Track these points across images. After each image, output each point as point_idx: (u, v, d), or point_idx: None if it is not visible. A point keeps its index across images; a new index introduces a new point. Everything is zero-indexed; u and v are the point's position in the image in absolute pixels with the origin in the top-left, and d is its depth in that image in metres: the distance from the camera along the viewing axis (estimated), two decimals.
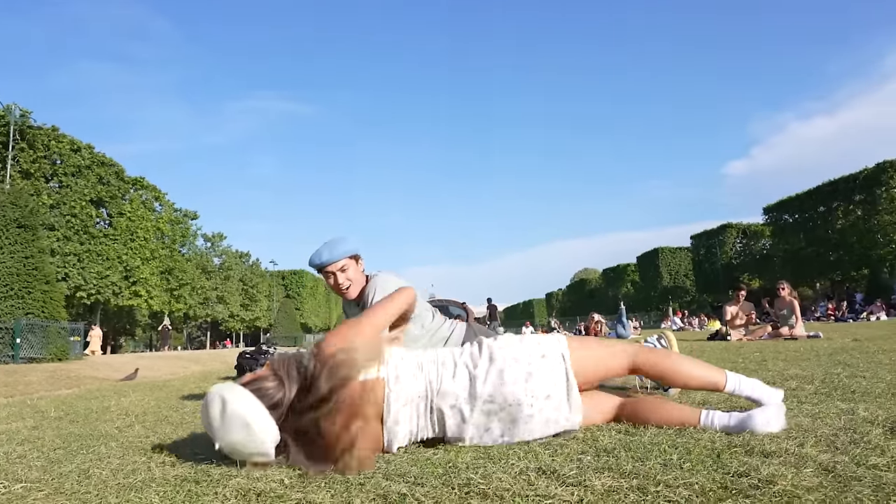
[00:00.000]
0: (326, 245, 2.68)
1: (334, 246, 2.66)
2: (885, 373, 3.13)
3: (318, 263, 2.68)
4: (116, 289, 27.46)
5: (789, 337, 8.22)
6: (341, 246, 2.66)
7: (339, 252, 2.64)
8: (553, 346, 1.88)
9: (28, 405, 4.38)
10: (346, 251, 2.66)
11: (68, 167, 25.80)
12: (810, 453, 1.46)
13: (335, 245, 2.66)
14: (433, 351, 1.89)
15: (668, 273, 49.83)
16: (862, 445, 1.52)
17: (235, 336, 49.58)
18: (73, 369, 9.58)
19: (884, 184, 29.28)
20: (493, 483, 1.35)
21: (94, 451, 2.13)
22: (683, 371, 1.94)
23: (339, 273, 2.67)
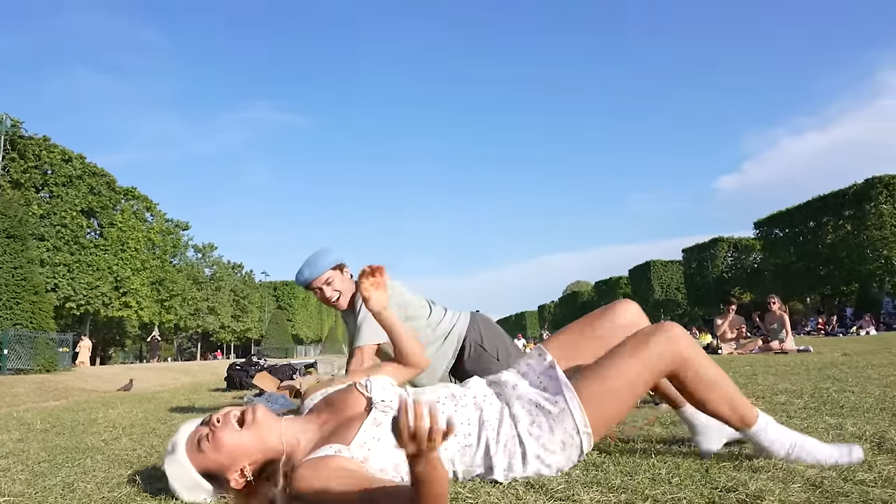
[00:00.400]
0: (307, 262, 2.66)
1: (315, 261, 2.64)
2: (874, 388, 3.15)
3: (302, 281, 2.66)
4: (106, 299, 27.27)
5: (780, 351, 8.25)
6: (322, 260, 2.64)
7: (321, 266, 2.62)
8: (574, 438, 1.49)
9: (14, 417, 4.33)
10: (327, 264, 2.63)
11: (59, 177, 25.70)
12: (798, 468, 1.46)
13: (316, 260, 2.64)
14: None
15: (659, 286, 50.06)
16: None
17: (226, 347, 49.26)
18: (62, 381, 9.48)
19: (873, 199, 29.62)
20: (482, 497, 1.34)
21: (79, 465, 2.11)
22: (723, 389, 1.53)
23: (326, 287, 2.65)
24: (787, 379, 3.96)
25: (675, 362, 1.51)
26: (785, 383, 3.66)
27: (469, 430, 1.51)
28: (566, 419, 1.48)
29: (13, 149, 24.08)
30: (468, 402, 1.56)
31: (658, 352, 1.50)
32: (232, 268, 47.77)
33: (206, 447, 1.42)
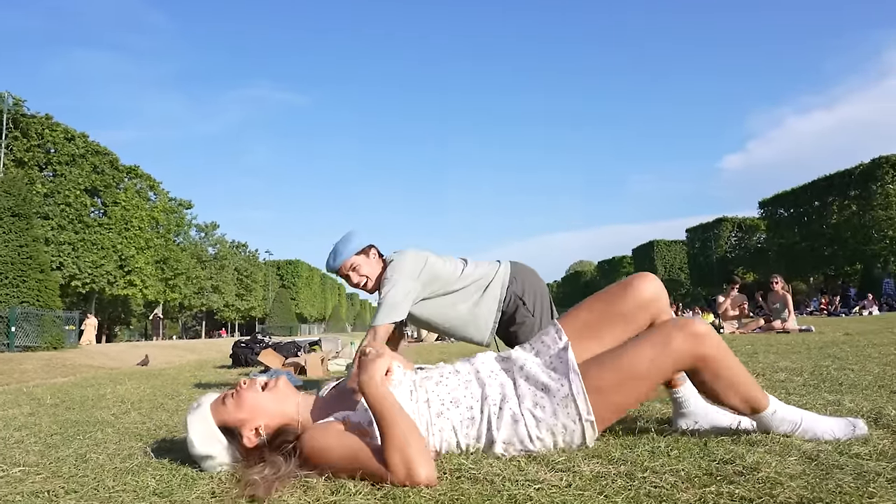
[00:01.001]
0: (333, 250, 2.67)
1: (340, 249, 2.65)
2: (874, 366, 3.18)
3: (330, 269, 2.69)
4: (111, 278, 27.42)
5: (781, 330, 8.29)
6: (346, 246, 2.64)
7: (345, 253, 2.63)
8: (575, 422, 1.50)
9: (24, 393, 4.40)
10: (351, 250, 2.64)
11: (62, 156, 25.67)
12: (795, 442, 1.49)
13: (340, 247, 2.65)
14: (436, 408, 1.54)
15: (663, 266, 50.04)
16: None
17: (230, 326, 49.60)
18: (69, 358, 9.59)
19: (879, 179, 29.45)
20: (484, 468, 1.37)
21: (90, 437, 2.15)
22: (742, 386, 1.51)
23: (353, 273, 2.65)
24: (787, 357, 3.99)
25: (696, 362, 1.49)
26: (785, 361, 3.69)
27: (471, 404, 1.53)
28: (569, 405, 1.48)
29: (16, 127, 24.03)
30: (471, 377, 1.58)
31: (680, 350, 1.47)
32: (236, 247, 47.89)
33: (229, 402, 1.54)
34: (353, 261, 2.64)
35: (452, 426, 1.52)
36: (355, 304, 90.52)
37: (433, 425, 1.51)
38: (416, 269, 2.60)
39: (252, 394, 1.54)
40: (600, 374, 1.49)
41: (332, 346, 7.01)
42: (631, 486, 1.20)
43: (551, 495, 1.17)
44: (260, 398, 1.54)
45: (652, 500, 1.11)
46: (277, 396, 1.55)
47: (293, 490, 1.31)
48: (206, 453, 1.51)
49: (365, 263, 2.67)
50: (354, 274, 2.65)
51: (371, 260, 2.69)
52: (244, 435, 1.50)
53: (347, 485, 1.31)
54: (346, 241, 2.66)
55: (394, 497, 1.21)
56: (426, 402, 1.53)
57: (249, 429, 1.50)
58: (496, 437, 1.49)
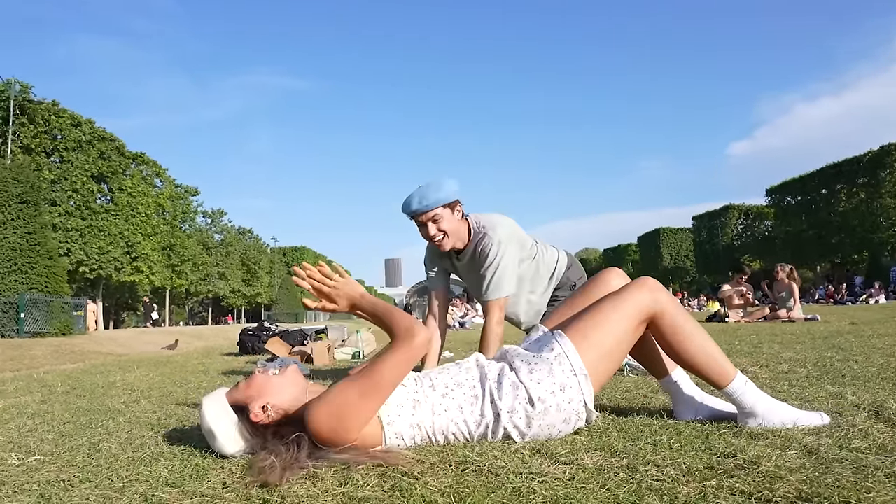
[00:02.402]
0: (419, 190, 2.39)
1: (427, 192, 2.37)
2: (878, 357, 3.19)
3: (409, 211, 2.42)
4: (118, 264, 27.54)
5: (787, 319, 8.29)
6: (434, 193, 2.37)
7: (432, 200, 2.36)
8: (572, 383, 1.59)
9: (35, 379, 4.46)
10: (439, 199, 2.37)
11: (69, 142, 25.69)
12: (796, 436, 1.51)
13: (428, 191, 2.37)
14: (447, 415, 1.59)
15: (668, 253, 49.89)
16: (846, 429, 1.57)
17: (237, 312, 49.86)
18: (77, 344, 9.69)
19: (888, 167, 29.19)
20: (489, 461, 1.40)
21: (102, 426, 2.19)
22: (700, 342, 1.67)
23: (431, 224, 2.42)
24: (791, 348, 4.00)
25: (652, 309, 1.65)
26: (789, 352, 3.70)
27: (474, 384, 1.62)
28: (563, 362, 1.60)
29: (23, 113, 24.05)
30: (471, 365, 1.69)
31: (636, 298, 1.65)
32: (241, 233, 48.00)
33: (241, 384, 1.64)
34: (438, 212, 2.40)
35: (458, 405, 1.59)
36: None
37: (439, 405, 1.58)
38: (521, 238, 2.55)
39: (263, 376, 1.63)
40: (579, 328, 1.66)
41: (339, 334, 7.05)
42: (633, 479, 1.23)
43: (554, 488, 1.19)
44: (270, 380, 1.62)
45: (653, 494, 1.14)
46: (287, 380, 1.63)
47: (302, 481, 1.34)
48: (216, 428, 1.57)
49: (448, 218, 2.43)
50: (433, 226, 2.41)
51: (455, 217, 2.46)
52: (253, 411, 1.56)
53: (355, 476, 1.33)
54: (437, 188, 2.38)
55: (400, 488, 1.24)
56: (431, 387, 1.62)
57: (258, 405, 1.57)
58: (501, 408, 1.56)
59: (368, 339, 6.50)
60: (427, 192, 2.37)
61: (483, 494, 1.17)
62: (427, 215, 2.39)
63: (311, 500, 1.21)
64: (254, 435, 1.57)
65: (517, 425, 1.57)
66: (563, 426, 1.60)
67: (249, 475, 1.38)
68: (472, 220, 2.53)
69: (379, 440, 1.54)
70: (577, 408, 1.60)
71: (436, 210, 2.39)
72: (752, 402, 1.64)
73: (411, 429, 1.56)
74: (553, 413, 1.57)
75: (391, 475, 1.33)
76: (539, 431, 1.59)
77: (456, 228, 2.46)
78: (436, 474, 1.33)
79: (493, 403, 1.58)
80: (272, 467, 1.35)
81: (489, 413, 1.58)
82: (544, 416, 1.57)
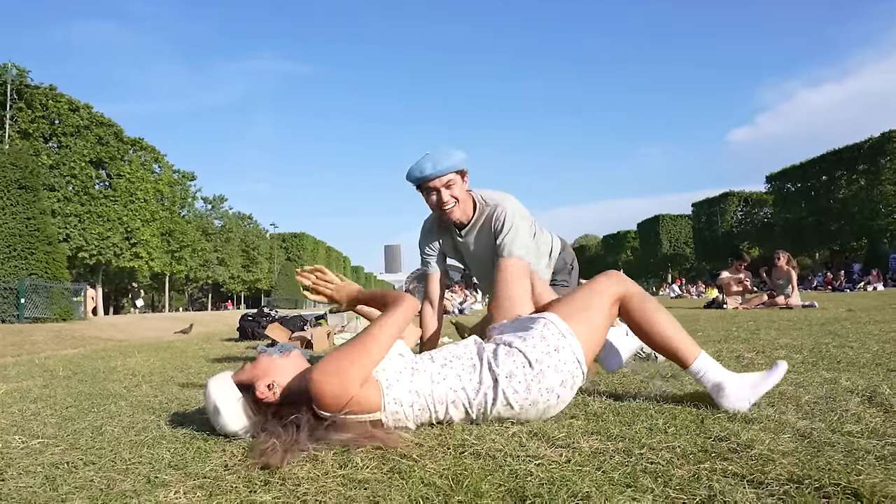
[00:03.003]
0: (430, 156, 2.29)
1: (440, 158, 2.27)
2: (873, 343, 3.21)
3: (421, 177, 2.29)
4: (118, 250, 27.53)
5: (785, 306, 8.32)
6: (447, 159, 2.27)
7: (447, 165, 2.26)
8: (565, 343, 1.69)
9: (36, 364, 4.49)
10: (453, 164, 2.27)
11: (67, 127, 25.54)
12: (789, 420, 1.53)
13: (441, 157, 2.28)
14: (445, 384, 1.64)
15: (668, 240, 49.87)
16: (839, 413, 1.59)
17: (237, 298, 49.95)
18: (78, 329, 9.72)
19: (888, 153, 29.09)
20: (487, 444, 1.42)
21: (105, 410, 2.22)
22: (665, 322, 1.81)
23: (444, 190, 2.30)
24: (788, 334, 4.03)
25: (621, 291, 1.83)
26: (786, 338, 3.73)
27: (471, 356, 1.69)
28: (550, 327, 1.71)
29: (20, 98, 23.90)
30: (469, 343, 1.77)
31: (606, 282, 1.85)
32: (241, 219, 47.96)
33: (247, 366, 1.71)
34: (451, 177, 2.29)
35: (457, 374, 1.64)
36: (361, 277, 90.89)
37: (438, 374, 1.64)
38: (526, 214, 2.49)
39: (268, 358, 1.70)
40: (563, 308, 1.80)
41: (338, 319, 7.08)
42: (628, 462, 1.25)
43: (551, 470, 1.21)
44: (275, 361, 1.68)
45: (648, 476, 1.16)
46: (291, 363, 1.70)
47: (302, 463, 1.36)
48: (221, 404, 1.60)
49: (460, 186, 2.33)
50: (446, 192, 2.30)
51: (465, 185, 2.37)
52: (259, 388, 1.61)
53: (355, 459, 1.36)
54: (448, 154, 2.28)
55: (399, 471, 1.26)
56: (430, 359, 1.69)
57: (264, 383, 1.62)
58: (499, 373, 1.62)
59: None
60: (439, 157, 2.28)
61: (481, 476, 1.19)
62: (441, 180, 2.28)
63: (312, 481, 1.23)
64: (256, 413, 1.61)
65: (517, 390, 1.61)
66: (561, 390, 1.65)
67: (251, 457, 1.40)
68: (476, 195, 2.47)
69: (378, 404, 1.58)
70: (572, 369, 1.67)
71: (449, 175, 2.29)
72: (717, 377, 1.74)
73: (410, 395, 1.61)
74: (551, 375, 1.63)
75: (390, 458, 1.36)
76: (538, 396, 1.62)
77: (465, 197, 2.39)
78: (434, 457, 1.35)
79: (490, 370, 1.63)
80: (273, 449, 1.38)
81: (487, 379, 1.63)
82: (542, 379, 1.62)
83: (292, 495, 1.16)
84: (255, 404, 1.61)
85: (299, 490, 1.18)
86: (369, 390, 1.57)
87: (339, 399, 1.51)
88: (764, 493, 1.06)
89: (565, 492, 1.08)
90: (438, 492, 1.12)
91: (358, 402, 1.54)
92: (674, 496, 1.06)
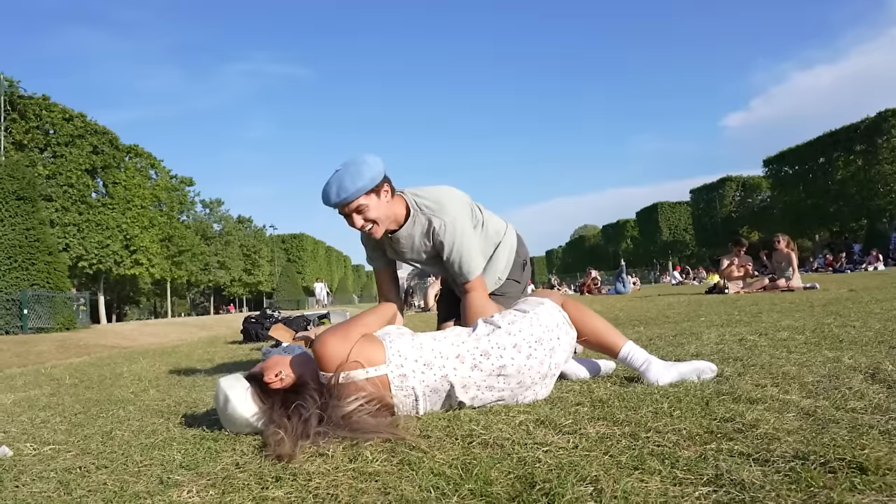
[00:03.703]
0: (336, 177, 2.07)
1: (344, 181, 2.05)
2: (875, 322, 3.22)
3: (328, 204, 2.11)
4: (118, 258, 27.56)
5: (786, 289, 8.33)
6: (353, 181, 2.03)
7: (352, 190, 2.03)
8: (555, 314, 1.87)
9: (42, 373, 4.50)
10: (359, 188, 2.03)
11: (62, 137, 25.54)
12: (793, 399, 1.54)
13: (345, 179, 2.05)
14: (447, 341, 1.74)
15: (667, 228, 49.90)
16: (843, 391, 1.60)
17: (238, 301, 50.00)
18: (82, 338, 9.74)
19: (885, 133, 29.09)
20: (494, 433, 1.43)
21: (113, 415, 2.23)
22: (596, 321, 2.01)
23: (356, 215, 2.10)
24: (790, 316, 4.04)
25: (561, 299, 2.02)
26: (788, 320, 3.74)
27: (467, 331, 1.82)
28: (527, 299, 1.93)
29: (13, 109, 23.88)
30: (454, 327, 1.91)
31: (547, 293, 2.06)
32: (240, 222, 47.98)
33: (259, 365, 1.78)
34: (361, 202, 2.07)
35: (451, 342, 1.74)
36: (361, 276, 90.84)
37: (439, 334, 1.77)
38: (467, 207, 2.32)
39: (279, 355, 1.81)
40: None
41: (341, 318, 7.09)
42: (635, 446, 1.26)
43: (559, 456, 1.23)
44: (285, 357, 1.78)
45: (655, 458, 1.17)
46: (300, 358, 1.79)
47: (312, 458, 1.37)
48: (230, 392, 1.67)
49: (375, 207, 2.11)
50: (359, 217, 2.11)
51: (382, 201, 2.14)
52: (266, 375, 1.69)
53: (364, 452, 1.37)
54: (355, 176, 2.05)
55: (409, 462, 1.27)
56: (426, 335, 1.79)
57: (272, 372, 1.70)
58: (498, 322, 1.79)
59: None
60: (344, 180, 2.05)
61: (490, 465, 1.20)
62: (350, 206, 2.07)
63: (323, 476, 1.25)
64: (265, 401, 1.66)
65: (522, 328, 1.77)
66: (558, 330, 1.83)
67: (265, 451, 1.45)
68: (410, 197, 2.24)
69: (382, 357, 1.66)
70: (560, 318, 1.87)
71: (358, 200, 2.07)
72: (642, 360, 1.95)
73: (413, 350, 1.69)
74: (545, 316, 1.82)
75: (399, 450, 1.37)
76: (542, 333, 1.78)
77: (386, 213, 2.16)
78: (443, 447, 1.36)
79: (489, 324, 1.81)
80: (282, 440, 1.42)
81: (487, 328, 1.78)
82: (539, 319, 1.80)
83: (304, 490, 1.17)
84: (263, 393, 1.68)
85: (311, 485, 1.20)
86: (372, 345, 1.68)
87: (340, 351, 1.63)
88: (770, 470, 1.07)
89: (574, 476, 1.09)
90: (449, 481, 1.14)
91: (362, 355, 1.63)
92: (681, 476, 1.07)
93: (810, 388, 1.67)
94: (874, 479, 0.99)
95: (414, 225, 2.23)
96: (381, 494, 1.12)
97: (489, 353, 1.70)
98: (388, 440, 1.44)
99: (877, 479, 0.99)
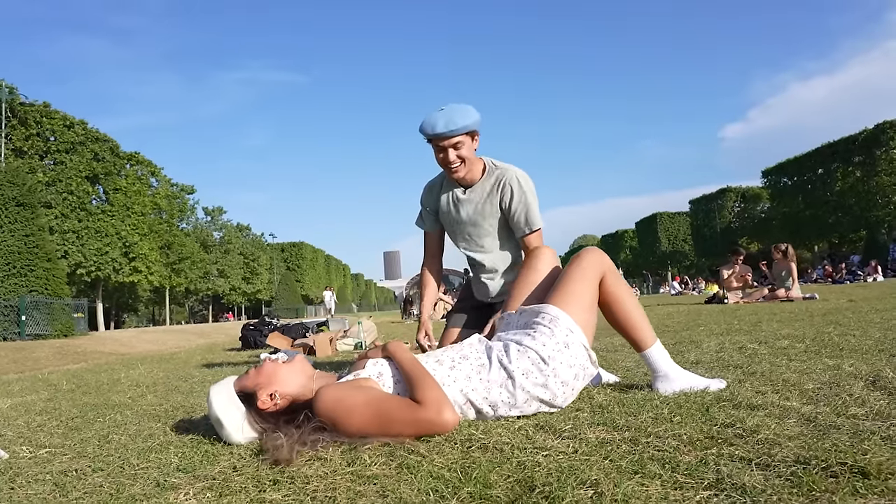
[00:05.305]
0: (444, 113, 2.24)
1: (454, 116, 2.22)
2: (875, 331, 3.22)
3: (432, 133, 2.25)
4: (116, 265, 27.52)
5: (786, 299, 8.33)
6: (461, 119, 2.22)
7: (459, 125, 2.21)
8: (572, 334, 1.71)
9: (40, 379, 4.48)
10: (465, 125, 2.22)
11: (62, 144, 25.59)
12: (794, 406, 1.54)
13: (455, 115, 2.22)
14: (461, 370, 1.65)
15: (666, 238, 49.95)
16: (844, 398, 1.59)
17: (237, 309, 49.95)
18: (80, 345, 9.71)
19: (883, 144, 29.20)
20: (494, 437, 1.43)
21: (110, 419, 2.22)
22: (633, 305, 1.90)
23: (452, 150, 2.27)
24: (790, 325, 4.03)
25: (604, 265, 1.87)
26: (788, 329, 3.73)
27: (479, 356, 1.68)
28: (558, 323, 1.71)
29: (14, 116, 23.94)
30: (473, 342, 1.76)
31: (591, 259, 1.87)
32: (240, 230, 48.00)
33: (251, 372, 1.70)
34: (461, 138, 2.26)
35: (467, 375, 1.63)
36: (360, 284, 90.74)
37: (448, 377, 1.63)
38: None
39: (272, 365, 1.69)
40: (556, 296, 1.81)
41: (340, 325, 7.07)
42: (635, 451, 1.25)
43: (558, 460, 1.22)
44: (278, 368, 1.68)
45: (655, 463, 1.16)
46: (294, 369, 1.69)
47: (310, 462, 1.36)
48: (224, 418, 1.60)
49: (468, 147, 2.30)
50: (453, 152, 2.28)
51: (474, 146, 2.34)
52: (260, 398, 1.62)
53: (363, 456, 1.36)
54: (465, 115, 2.24)
55: (408, 466, 1.26)
56: (437, 362, 1.67)
57: (265, 392, 1.63)
58: (513, 370, 1.62)
59: (370, 327, 6.52)
60: (453, 115, 2.22)
61: (489, 468, 1.19)
62: (450, 140, 2.25)
63: (321, 479, 1.24)
64: (264, 421, 1.61)
65: (534, 384, 1.61)
66: (575, 383, 1.68)
67: (263, 455, 1.43)
68: (487, 160, 2.45)
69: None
70: (582, 361, 1.69)
71: (459, 136, 2.25)
72: (666, 367, 1.87)
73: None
74: (564, 370, 1.64)
75: (398, 454, 1.36)
76: (557, 390, 1.64)
77: (473, 159, 2.36)
78: (442, 451, 1.36)
79: (504, 368, 1.63)
80: (281, 446, 1.40)
81: (501, 376, 1.62)
82: (557, 374, 1.63)
83: (302, 493, 1.16)
84: (257, 415, 1.62)
85: (309, 487, 1.19)
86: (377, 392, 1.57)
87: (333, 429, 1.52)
88: (772, 474, 1.06)
89: (574, 480, 1.08)
90: (448, 484, 1.13)
91: None
92: (682, 481, 1.06)
93: (811, 395, 1.66)
94: (876, 484, 0.98)
95: (488, 178, 2.41)
96: (379, 497, 1.11)
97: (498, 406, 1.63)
98: (386, 444, 1.43)
99: (879, 483, 0.98)
